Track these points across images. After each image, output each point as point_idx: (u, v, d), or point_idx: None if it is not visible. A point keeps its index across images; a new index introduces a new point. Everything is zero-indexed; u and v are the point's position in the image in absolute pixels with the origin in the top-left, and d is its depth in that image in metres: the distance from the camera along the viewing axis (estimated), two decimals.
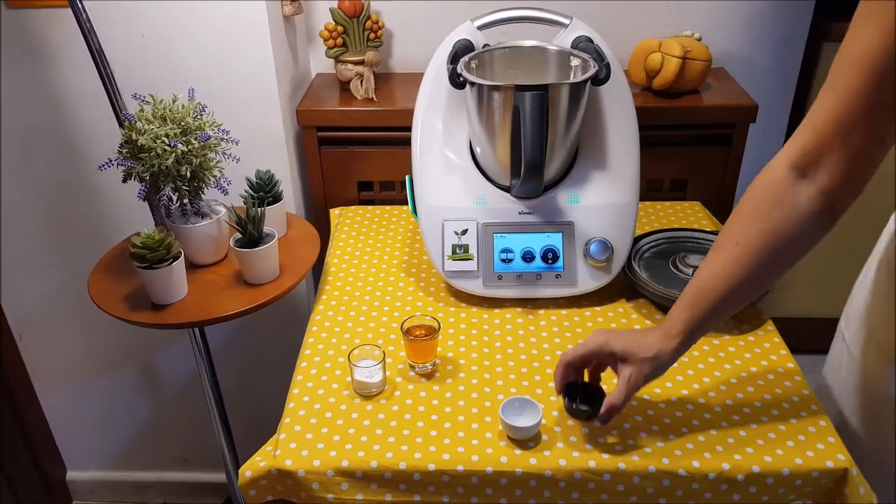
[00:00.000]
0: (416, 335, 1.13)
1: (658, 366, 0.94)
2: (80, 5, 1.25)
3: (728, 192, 1.68)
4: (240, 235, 1.28)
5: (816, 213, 0.86)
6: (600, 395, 1.00)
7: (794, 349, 1.18)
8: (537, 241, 1.27)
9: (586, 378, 1.05)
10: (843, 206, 0.87)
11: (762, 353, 1.17)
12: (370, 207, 1.62)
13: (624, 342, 0.95)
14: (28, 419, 1.91)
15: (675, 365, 1.12)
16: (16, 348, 1.83)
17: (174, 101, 1.25)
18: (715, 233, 1.38)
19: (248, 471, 1.00)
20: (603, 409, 0.95)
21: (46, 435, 2.00)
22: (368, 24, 1.64)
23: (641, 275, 1.28)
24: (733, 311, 0.96)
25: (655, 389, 1.09)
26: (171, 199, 1.26)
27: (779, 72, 1.81)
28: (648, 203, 1.59)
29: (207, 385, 1.49)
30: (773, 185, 0.88)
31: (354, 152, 1.63)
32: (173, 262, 1.21)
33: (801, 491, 0.98)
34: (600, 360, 0.99)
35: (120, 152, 1.23)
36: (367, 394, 1.09)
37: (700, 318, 0.92)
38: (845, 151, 0.82)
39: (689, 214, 1.56)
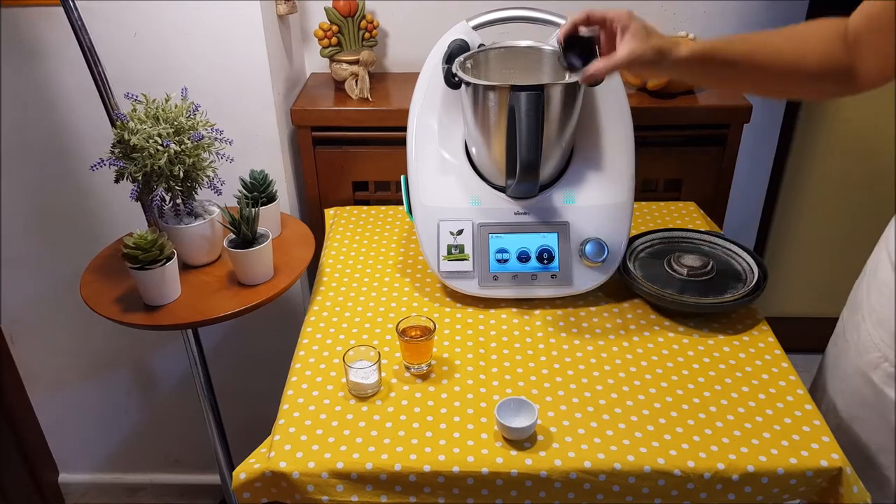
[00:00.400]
0: (412, 336, 1.13)
1: (660, 60, 0.97)
2: (71, 4, 1.24)
3: (722, 192, 1.69)
4: (233, 236, 1.27)
5: (845, 65, 0.94)
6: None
7: (788, 349, 1.18)
8: (533, 242, 1.27)
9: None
10: (864, 80, 0.94)
11: (756, 352, 1.17)
12: (365, 208, 1.61)
13: (644, 24, 0.99)
14: (20, 421, 1.90)
15: (671, 364, 1.13)
16: (7, 350, 1.82)
17: (167, 101, 1.24)
18: (709, 233, 1.39)
19: (242, 473, 1.00)
20: (591, 68, 1.00)
21: (39, 437, 1.98)
22: (363, 23, 1.64)
23: (636, 275, 1.28)
24: (738, 78, 1.02)
25: (650, 389, 1.09)
26: (163, 200, 1.26)
27: None
28: (643, 203, 1.59)
29: (201, 386, 1.48)
30: (834, 24, 0.95)
31: (349, 152, 1.63)
32: (166, 262, 1.21)
33: (796, 490, 0.98)
34: (615, 27, 1.01)
35: (112, 152, 1.22)
36: (362, 395, 1.09)
37: (718, 54, 0.98)
38: (875, 42, 0.90)
39: (684, 214, 1.56)
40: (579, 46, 1.04)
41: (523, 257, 1.26)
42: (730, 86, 1.03)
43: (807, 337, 2.28)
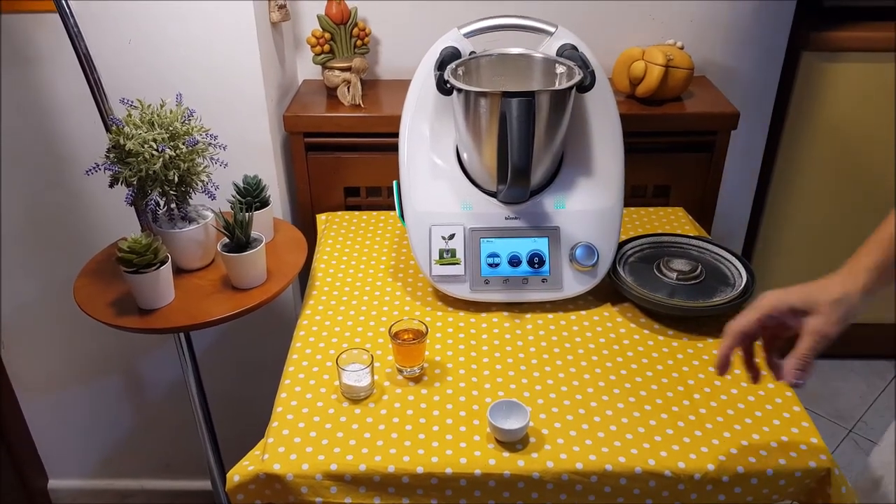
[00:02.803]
0: (404, 339, 1.14)
1: (849, 308, 0.83)
2: (67, 10, 1.25)
3: (710, 198, 1.70)
4: (227, 240, 1.28)
5: None
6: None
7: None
8: (524, 246, 1.28)
9: (757, 355, 0.92)
10: None
11: None
12: (357, 213, 1.62)
13: (801, 292, 0.85)
14: (10, 427, 1.89)
15: (661, 367, 1.15)
16: None
17: (162, 106, 1.25)
18: (698, 237, 1.40)
19: (236, 475, 1.00)
20: (789, 370, 0.83)
21: (28, 443, 1.98)
22: (355, 30, 1.65)
23: (626, 279, 1.29)
24: None
25: (641, 392, 1.10)
26: (158, 204, 1.26)
27: (759, 80, 1.84)
28: (633, 208, 1.61)
29: (193, 391, 1.48)
30: None
31: (341, 158, 1.64)
32: (160, 266, 1.21)
33: (785, 491, 1.00)
34: (778, 321, 0.87)
35: (107, 157, 1.23)
36: (355, 398, 1.10)
37: (886, 257, 0.85)
38: None
39: (673, 220, 1.58)
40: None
41: (514, 261, 1.28)
42: None
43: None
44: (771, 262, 2.21)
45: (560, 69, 1.28)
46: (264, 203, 1.40)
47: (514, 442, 1.01)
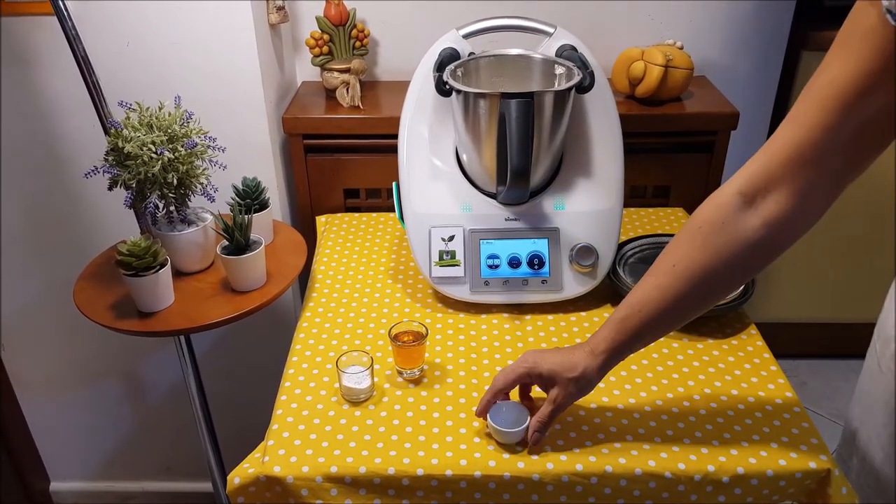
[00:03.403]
0: (404, 341, 1.13)
1: (584, 384, 0.96)
2: (65, 13, 1.25)
3: None
4: (226, 243, 1.28)
5: (758, 243, 0.85)
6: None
7: (777, 354, 1.20)
8: (523, 247, 1.28)
9: (513, 397, 1.06)
10: (787, 240, 0.86)
11: (745, 356, 1.18)
12: (356, 214, 1.62)
13: (551, 363, 0.97)
14: (11, 429, 1.89)
15: (661, 368, 1.15)
16: None
17: (160, 109, 1.25)
18: None
19: (236, 477, 1.00)
20: (531, 432, 0.98)
21: (30, 445, 1.98)
22: (354, 32, 1.65)
23: (626, 280, 1.29)
24: (662, 334, 0.97)
25: (641, 393, 1.10)
26: (157, 207, 1.26)
27: (759, 80, 1.84)
28: (632, 209, 1.61)
29: (193, 393, 1.48)
30: (719, 210, 0.86)
31: (341, 160, 1.64)
32: (160, 269, 1.21)
33: (785, 492, 0.99)
34: (529, 382, 1.01)
35: (106, 160, 1.23)
36: (355, 400, 1.09)
37: (626, 338, 0.94)
38: (794, 185, 0.82)
39: (672, 220, 1.58)
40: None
41: (514, 263, 1.27)
42: (663, 335, 0.96)
43: (793, 342, 2.30)
44: (771, 264, 2.21)
45: (559, 70, 1.28)
46: (263, 205, 1.40)
47: (514, 443, 1.01)
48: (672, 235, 1.39)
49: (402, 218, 1.33)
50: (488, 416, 1.02)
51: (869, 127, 0.78)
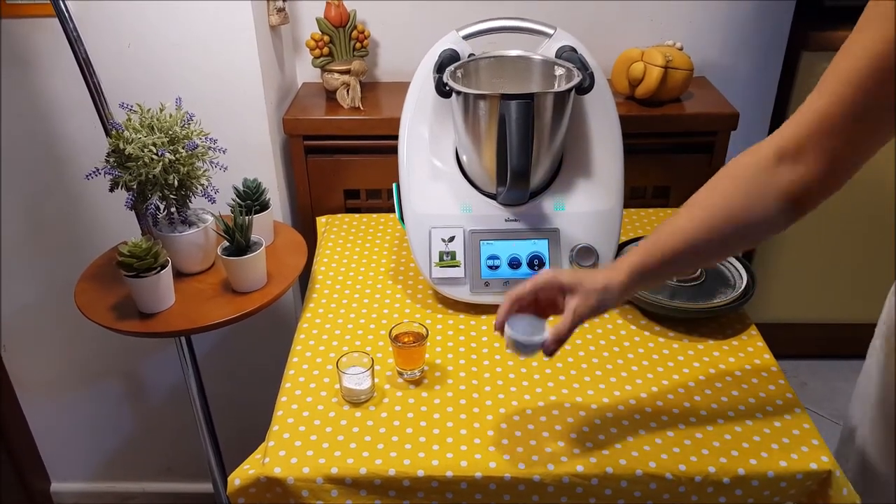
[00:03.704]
0: (404, 342, 1.14)
1: (605, 298, 0.93)
2: (67, 15, 1.25)
3: None
4: (227, 244, 1.28)
5: (785, 201, 0.88)
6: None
7: (777, 354, 1.20)
8: (524, 248, 1.28)
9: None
10: (812, 202, 0.88)
11: (746, 357, 1.18)
12: (357, 215, 1.62)
13: (572, 275, 0.94)
14: (12, 430, 1.89)
15: (661, 369, 1.15)
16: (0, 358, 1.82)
17: (161, 110, 1.25)
18: None
19: (236, 479, 1.00)
20: (550, 340, 0.93)
21: (30, 446, 1.98)
22: (354, 33, 1.65)
23: None
24: (682, 271, 0.99)
25: (641, 394, 1.10)
26: (158, 208, 1.26)
27: (759, 80, 1.84)
28: (632, 210, 1.61)
29: (194, 394, 1.48)
30: (752, 163, 0.90)
31: (341, 161, 1.64)
32: (160, 270, 1.21)
33: (786, 493, 0.99)
34: (548, 294, 0.96)
35: (107, 161, 1.23)
36: (355, 401, 1.10)
37: (650, 263, 0.93)
38: (823, 152, 0.84)
39: None
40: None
41: (514, 264, 1.28)
42: (685, 271, 0.97)
43: (793, 342, 2.30)
44: (771, 263, 2.21)
45: (559, 71, 1.28)
46: (264, 206, 1.40)
47: (530, 355, 0.96)
48: None
49: (402, 219, 1.33)
50: (507, 325, 0.96)
51: (888, 101, 0.78)
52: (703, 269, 1.29)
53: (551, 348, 0.93)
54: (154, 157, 1.20)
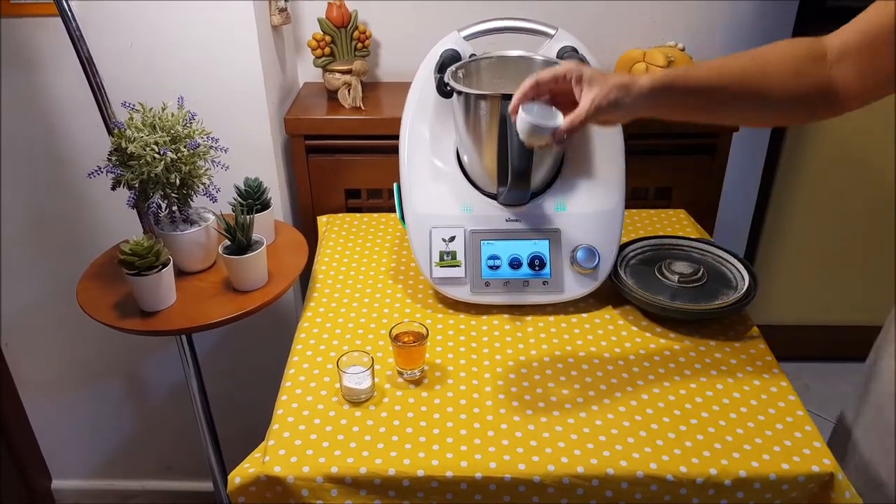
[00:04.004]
0: (405, 342, 1.13)
1: (623, 98, 0.92)
2: (69, 14, 1.25)
3: (712, 200, 1.70)
4: (228, 242, 1.28)
5: (818, 91, 0.92)
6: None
7: (780, 357, 1.19)
8: (524, 248, 1.28)
9: None
10: (845, 100, 0.92)
11: (748, 358, 1.18)
12: (358, 215, 1.62)
13: (595, 69, 0.95)
14: (13, 428, 1.90)
15: (662, 370, 1.14)
16: (1, 356, 1.82)
17: (163, 110, 1.25)
18: (700, 240, 1.40)
19: (237, 477, 1.00)
20: (563, 126, 0.93)
21: (31, 444, 1.98)
22: (356, 34, 1.65)
23: (627, 281, 1.29)
24: (701, 108, 0.98)
25: (643, 395, 1.10)
26: (159, 207, 1.26)
27: None
28: (634, 211, 1.60)
29: (195, 392, 1.48)
30: (806, 46, 0.93)
31: (342, 160, 1.64)
32: (162, 269, 1.21)
33: (788, 495, 0.99)
34: (565, 87, 0.95)
35: (109, 160, 1.23)
36: (355, 400, 1.09)
37: (677, 83, 0.94)
38: (868, 58, 0.88)
39: (675, 222, 1.58)
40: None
41: (515, 264, 1.27)
42: (698, 116, 0.98)
43: (796, 345, 2.30)
44: (773, 265, 2.21)
45: None
46: (265, 205, 1.40)
47: (539, 141, 0.97)
48: (674, 237, 1.40)
49: (402, 218, 1.33)
50: (521, 109, 0.95)
51: None
52: (704, 271, 1.29)
53: (563, 135, 0.93)
54: (156, 155, 1.20)
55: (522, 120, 0.95)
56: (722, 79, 0.94)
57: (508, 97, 1.13)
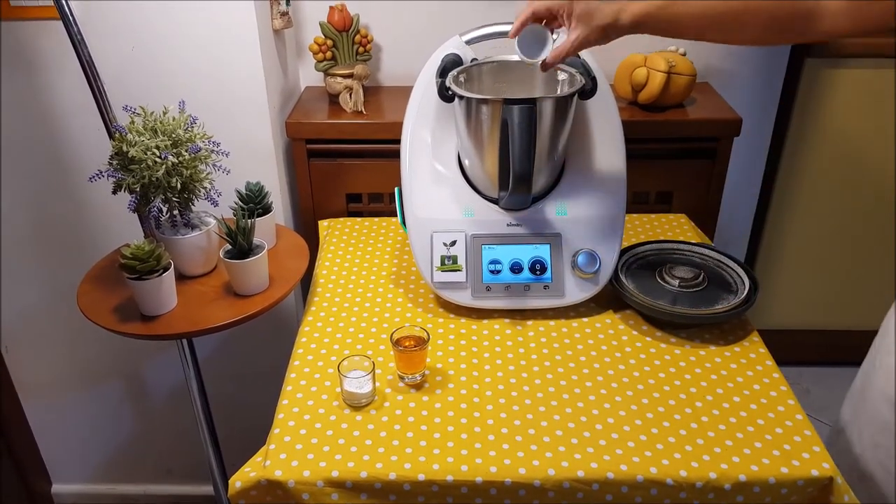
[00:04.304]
0: (406, 346, 1.14)
1: (604, 38, 1.05)
2: (70, 18, 1.26)
3: (713, 205, 1.70)
4: (229, 247, 1.28)
5: (813, 15, 0.95)
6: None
7: (779, 361, 1.19)
8: (525, 253, 1.28)
9: None
10: (829, 21, 0.94)
11: (748, 363, 1.18)
12: (359, 219, 1.62)
13: (588, 3, 1.04)
14: (13, 431, 1.90)
15: (663, 375, 1.15)
16: (1, 360, 1.82)
17: (165, 113, 1.25)
18: (700, 245, 1.40)
19: (237, 481, 1.00)
20: (549, 59, 1.11)
21: (32, 447, 1.98)
22: (357, 38, 1.65)
23: (628, 286, 1.29)
24: (694, 30, 1.04)
25: (643, 399, 1.10)
26: (161, 211, 1.27)
27: (762, 86, 1.84)
28: (635, 215, 1.61)
29: (195, 396, 1.48)
30: None
31: (343, 164, 1.64)
32: (163, 273, 1.21)
33: (787, 499, 0.99)
34: (562, 14, 1.07)
35: (110, 164, 1.23)
36: (356, 404, 1.10)
37: (662, 14, 1.01)
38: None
39: (675, 226, 1.58)
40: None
41: (516, 268, 1.28)
42: (683, 37, 1.06)
43: (796, 349, 2.30)
44: (774, 269, 2.21)
45: (562, 76, 1.28)
46: (266, 209, 1.40)
47: (533, 64, 1.14)
48: (675, 242, 1.40)
49: (403, 223, 1.33)
50: (517, 39, 1.12)
51: None
52: (705, 275, 1.29)
53: (548, 67, 1.13)
54: (157, 159, 1.20)
55: (516, 48, 1.13)
56: (706, 9, 1.00)
57: (510, 102, 1.14)
